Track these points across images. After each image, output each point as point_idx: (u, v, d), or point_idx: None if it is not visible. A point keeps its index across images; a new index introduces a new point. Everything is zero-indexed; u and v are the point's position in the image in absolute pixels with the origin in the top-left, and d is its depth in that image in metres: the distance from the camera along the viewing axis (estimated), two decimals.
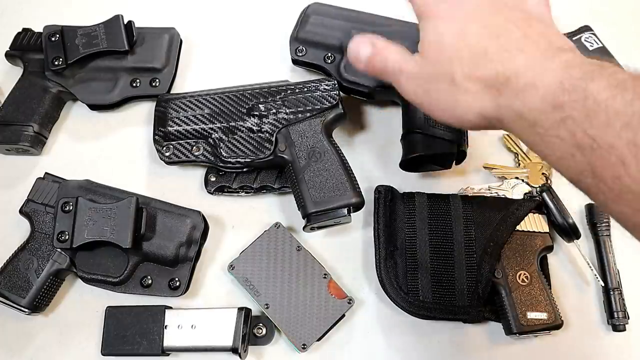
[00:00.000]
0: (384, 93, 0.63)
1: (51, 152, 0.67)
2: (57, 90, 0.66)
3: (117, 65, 0.67)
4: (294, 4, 0.69)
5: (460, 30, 0.43)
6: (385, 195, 0.60)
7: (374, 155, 0.66)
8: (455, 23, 0.44)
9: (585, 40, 0.68)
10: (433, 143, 0.58)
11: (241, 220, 0.63)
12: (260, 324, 0.57)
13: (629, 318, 0.58)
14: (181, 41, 0.71)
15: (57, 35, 0.66)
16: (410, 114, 0.60)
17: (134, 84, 0.67)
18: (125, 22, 0.67)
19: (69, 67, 0.65)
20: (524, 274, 0.57)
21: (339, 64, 0.64)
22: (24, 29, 0.69)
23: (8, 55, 0.68)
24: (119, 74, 0.67)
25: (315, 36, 0.66)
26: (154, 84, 0.67)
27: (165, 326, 0.55)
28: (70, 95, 0.67)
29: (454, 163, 0.61)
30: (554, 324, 0.55)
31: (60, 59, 0.65)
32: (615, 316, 0.57)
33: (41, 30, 0.67)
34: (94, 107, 0.68)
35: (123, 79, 0.67)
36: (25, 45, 0.68)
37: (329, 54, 0.65)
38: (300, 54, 0.66)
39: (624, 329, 0.58)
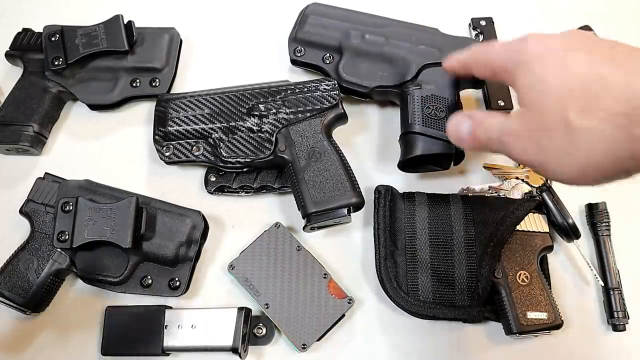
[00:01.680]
0: (382, 93, 0.64)
1: (51, 152, 0.67)
2: (57, 90, 0.66)
3: (117, 65, 0.67)
4: (293, 4, 0.69)
5: (562, 62, 0.37)
6: (385, 195, 0.60)
7: (374, 155, 0.66)
8: (552, 57, 0.38)
9: None
10: (431, 144, 0.58)
11: (241, 220, 0.63)
12: (260, 324, 0.57)
13: (629, 318, 0.58)
14: (181, 41, 0.71)
15: (57, 35, 0.66)
16: (408, 114, 0.60)
17: (134, 84, 0.67)
18: (125, 22, 0.67)
19: (69, 67, 0.65)
20: (524, 273, 0.57)
21: (338, 65, 0.64)
22: (24, 29, 0.69)
23: (8, 55, 0.68)
24: (119, 74, 0.67)
25: (314, 36, 0.66)
26: (154, 84, 0.67)
27: (165, 326, 0.55)
28: (70, 95, 0.67)
29: (452, 163, 0.61)
30: (554, 324, 0.55)
31: (60, 59, 0.65)
32: (615, 316, 0.57)
33: (41, 30, 0.67)
34: (94, 107, 0.68)
35: (123, 79, 0.67)
36: (25, 45, 0.68)
37: (328, 55, 0.65)
38: (299, 54, 0.66)
39: (624, 329, 0.58)
